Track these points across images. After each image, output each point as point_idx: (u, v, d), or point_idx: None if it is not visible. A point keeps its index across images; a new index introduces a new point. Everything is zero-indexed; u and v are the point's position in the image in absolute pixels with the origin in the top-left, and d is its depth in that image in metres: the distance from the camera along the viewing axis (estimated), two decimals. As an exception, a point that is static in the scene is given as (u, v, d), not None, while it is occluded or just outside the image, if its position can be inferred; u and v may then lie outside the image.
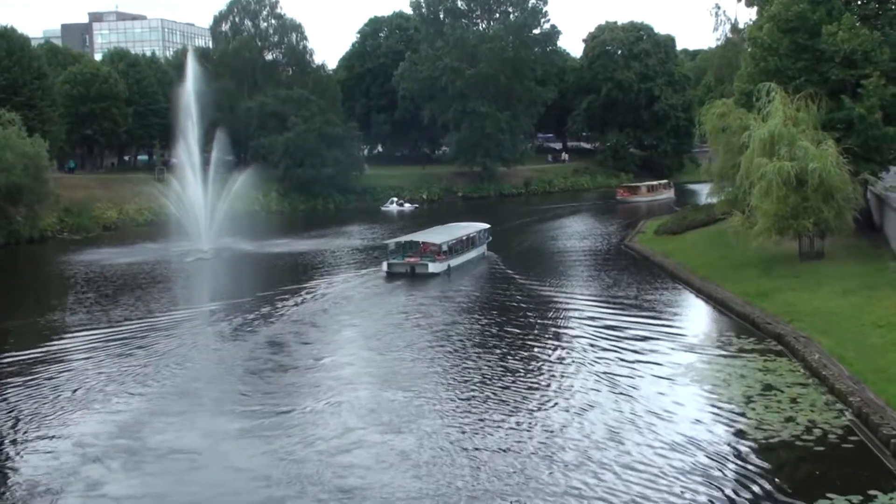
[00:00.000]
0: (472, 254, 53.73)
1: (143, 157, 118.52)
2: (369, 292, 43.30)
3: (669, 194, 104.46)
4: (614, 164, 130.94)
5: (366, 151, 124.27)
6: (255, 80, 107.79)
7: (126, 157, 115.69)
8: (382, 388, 25.60)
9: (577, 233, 69.37)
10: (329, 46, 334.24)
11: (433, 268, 48.16)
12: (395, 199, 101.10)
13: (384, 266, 48.48)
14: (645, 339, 30.88)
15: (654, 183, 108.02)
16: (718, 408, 22.87)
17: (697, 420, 22.04)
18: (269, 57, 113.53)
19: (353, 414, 23.22)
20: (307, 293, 42.44)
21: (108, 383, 26.70)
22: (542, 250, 59.34)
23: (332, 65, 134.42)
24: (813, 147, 38.03)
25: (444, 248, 49.76)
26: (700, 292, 39.21)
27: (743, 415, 22.17)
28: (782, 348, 28.14)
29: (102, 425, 22.86)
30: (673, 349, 29.28)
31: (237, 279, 49.18)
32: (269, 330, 34.01)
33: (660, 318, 34.55)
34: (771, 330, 29.96)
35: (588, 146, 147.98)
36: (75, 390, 26.11)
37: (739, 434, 20.92)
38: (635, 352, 29.02)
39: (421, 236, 52.09)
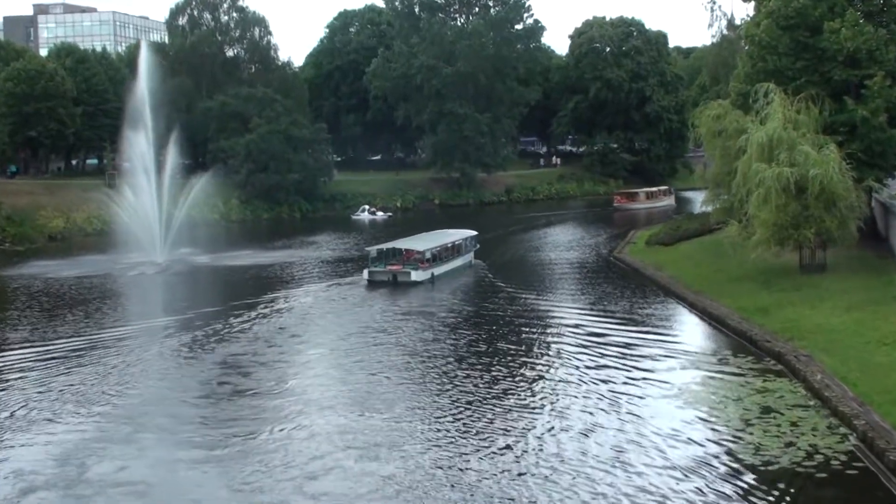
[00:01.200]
0: (458, 262, 54.61)
1: (92, 161, 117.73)
2: (344, 304, 43.61)
3: (670, 201, 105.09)
4: (603, 170, 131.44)
5: (335, 155, 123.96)
6: (214, 77, 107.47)
7: (74, 161, 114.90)
8: (357, 410, 25.45)
9: (563, 243, 69.52)
10: (295, 42, 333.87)
11: (416, 276, 49.09)
12: (367, 207, 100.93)
13: (365, 274, 49.56)
14: (636, 358, 30.92)
15: (654, 189, 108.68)
16: (714, 432, 22.89)
17: (691, 445, 22.04)
18: (229, 53, 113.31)
19: (324, 439, 23.06)
20: (271, 308, 42.29)
21: (51, 406, 26.44)
22: (524, 262, 59.38)
23: (298, 62, 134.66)
24: (814, 152, 38.32)
25: (428, 255, 50.73)
26: (694, 307, 39.33)
27: (740, 439, 22.21)
28: (782, 368, 28.24)
29: (43, 452, 22.58)
30: (665, 369, 29.32)
31: (194, 293, 48.85)
32: (229, 348, 33.82)
33: (651, 336, 34.62)
34: (770, 348, 30.08)
35: (574, 150, 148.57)
36: (13, 413, 25.85)
37: (736, 460, 20.93)
38: (625, 373, 29.04)
39: (404, 243, 53.23)
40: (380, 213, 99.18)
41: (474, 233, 58.72)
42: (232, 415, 25.58)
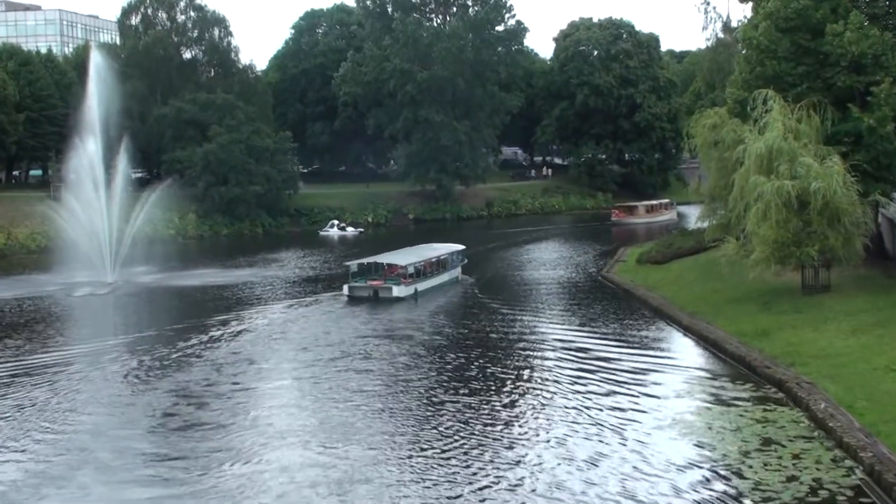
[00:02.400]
0: (444, 277, 56.29)
1: (35, 172, 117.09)
2: (316, 323, 44.09)
3: (671, 215, 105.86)
4: (590, 183, 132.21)
5: (301, 167, 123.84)
6: (170, 81, 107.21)
7: (16, 173, 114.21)
8: (327, 443, 25.30)
9: (548, 261, 69.67)
10: (258, 44, 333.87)
11: (398, 292, 50.72)
12: (336, 222, 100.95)
13: (345, 290, 51.23)
14: (626, 385, 30.95)
15: (654, 203, 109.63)
16: (711, 464, 22.91)
17: (685, 479, 22.02)
18: (186, 55, 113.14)
19: (289, 475, 22.87)
20: (232, 331, 42.11)
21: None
22: (505, 282, 59.41)
23: (261, 65, 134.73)
24: (816, 163, 38.57)
25: (411, 270, 52.55)
26: (689, 331, 39.46)
27: (738, 473, 22.22)
28: (783, 396, 28.33)
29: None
30: (657, 397, 29.36)
31: (147, 316, 48.62)
32: (185, 375, 33.61)
33: (642, 362, 34.64)
34: (770, 375, 30.19)
35: (560, 161, 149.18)
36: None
37: (734, 496, 20.93)
38: (614, 401, 29.05)
39: (386, 258, 54.72)
40: (350, 229, 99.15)
41: (461, 247, 60.49)
42: (186, 449, 25.29)
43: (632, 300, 49.52)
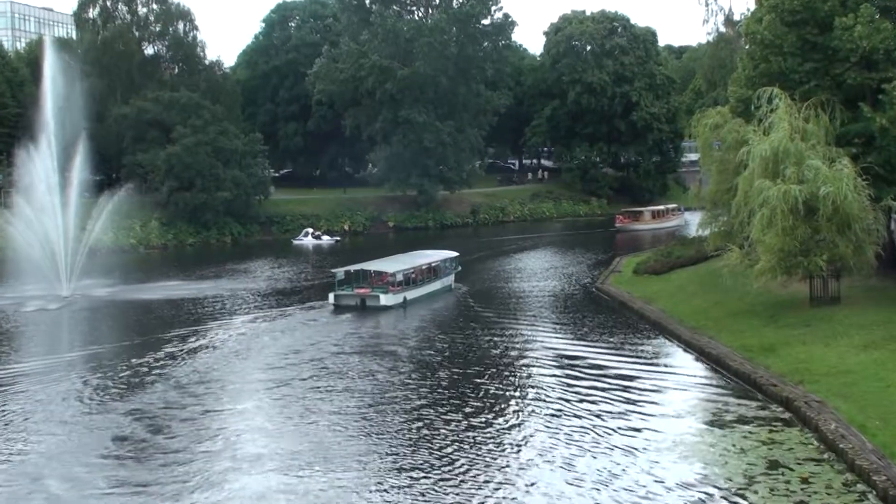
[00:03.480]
0: (435, 285, 57.92)
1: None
2: (292, 337, 44.29)
3: (679, 221, 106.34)
4: (584, 187, 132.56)
5: (272, 170, 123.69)
6: (131, 79, 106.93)
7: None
8: (300, 468, 25.18)
9: (538, 271, 69.66)
10: (226, 38, 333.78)
11: (385, 300, 52.13)
12: (310, 230, 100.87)
13: (331, 298, 52.69)
14: (622, 405, 30.94)
15: (660, 208, 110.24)
16: (713, 490, 22.90)
17: (687, 507, 22.06)
18: (149, 51, 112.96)
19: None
20: (197, 348, 41.94)
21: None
22: (493, 295, 59.35)
23: (229, 61, 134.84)
24: (825, 166, 38.64)
25: (399, 277, 53.88)
26: (690, 346, 39.49)
27: (743, 498, 22.23)
28: (791, 416, 28.37)
29: None
30: (657, 418, 29.36)
31: (104, 332, 48.37)
32: (145, 395, 33.36)
33: (640, 380, 34.64)
34: (777, 393, 30.22)
35: (551, 164, 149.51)
36: None
37: (739, 524, 20.97)
38: (610, 423, 29.03)
39: (373, 265, 56.47)
40: (325, 238, 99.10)
41: (454, 254, 61.96)
42: (147, 477, 25.07)
43: (628, 314, 49.53)
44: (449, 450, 26.59)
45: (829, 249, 38.59)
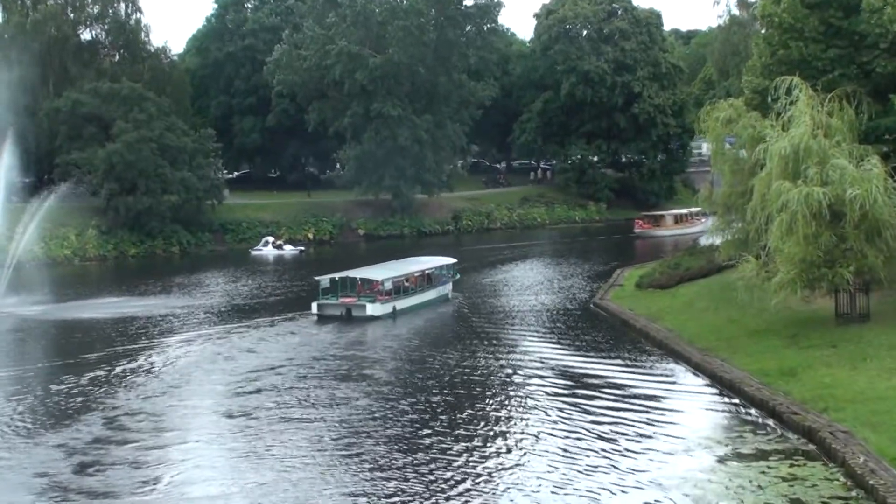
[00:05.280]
0: (429, 294, 59.82)
1: None
2: (257, 357, 44.53)
3: (704, 227, 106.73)
4: (580, 190, 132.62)
5: (226, 171, 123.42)
6: (65, 68, 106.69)
7: None
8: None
9: (529, 285, 69.55)
10: (174, 21, 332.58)
11: (372, 310, 53.98)
12: (271, 239, 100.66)
13: (314, 308, 54.63)
14: (626, 437, 30.94)
15: (683, 212, 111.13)
16: (727, 534, 22.96)
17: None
18: (86, 36, 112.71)
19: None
20: (140, 372, 41.78)
21: None
22: (478, 312, 59.32)
23: (177, 47, 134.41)
24: (852, 166, 38.76)
25: (389, 286, 55.66)
26: (700, 370, 39.52)
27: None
28: (814, 448, 28.40)
29: None
30: (664, 452, 29.38)
31: (32, 354, 48.20)
32: (76, 429, 33.06)
33: (644, 408, 34.66)
34: (798, 423, 30.26)
35: (543, 164, 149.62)
36: None
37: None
38: (613, 457, 29.02)
39: (361, 272, 58.21)
40: (288, 248, 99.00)
41: (452, 260, 63.96)
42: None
43: (630, 333, 49.54)
44: (436, 486, 26.59)
45: (857, 260, 38.61)
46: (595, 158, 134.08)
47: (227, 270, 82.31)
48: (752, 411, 33.22)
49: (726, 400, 35.36)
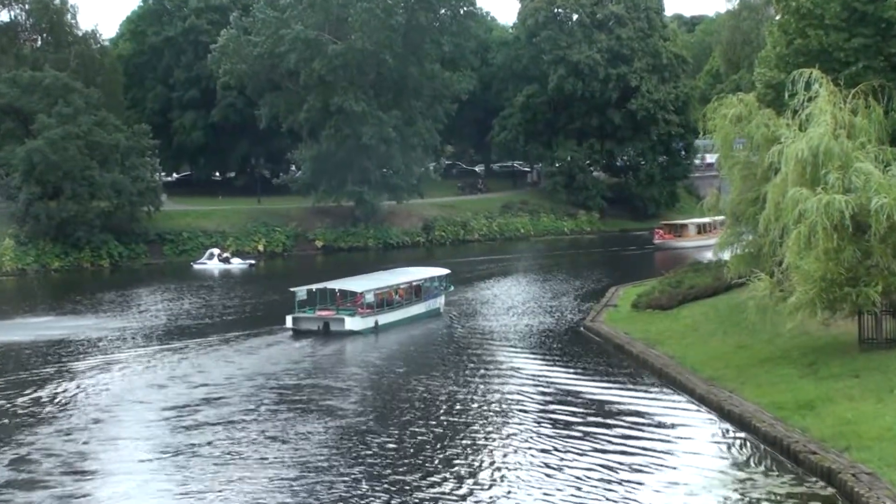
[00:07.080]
0: (417, 308, 61.35)
1: None
2: (202, 388, 44.36)
3: None
4: (569, 197, 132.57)
5: (164, 173, 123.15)
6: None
7: None
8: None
9: (510, 305, 69.65)
10: (105, 2, 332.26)
11: (352, 324, 55.42)
12: (216, 251, 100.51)
13: (289, 321, 55.98)
14: (623, 481, 30.87)
15: (707, 221, 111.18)
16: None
17: None
18: (3, 17, 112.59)
19: None
20: (64, 402, 41.61)
21: None
22: (451, 335, 59.38)
23: (109, 31, 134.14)
24: (878, 171, 38.88)
25: (370, 298, 57.06)
26: (705, 403, 39.55)
27: None
28: (834, 492, 28.45)
29: None
30: (666, 495, 29.43)
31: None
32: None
33: (641, 447, 34.67)
34: (817, 463, 30.30)
35: (526, 167, 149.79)
36: None
37: None
38: (603, 499, 29.00)
39: (340, 283, 59.69)
40: (235, 261, 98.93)
41: (445, 271, 65.66)
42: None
43: (625, 360, 49.58)
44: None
45: (884, 278, 38.65)
46: (586, 161, 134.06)
47: (166, 286, 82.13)
48: (764, 450, 33.28)
49: (734, 437, 35.42)
